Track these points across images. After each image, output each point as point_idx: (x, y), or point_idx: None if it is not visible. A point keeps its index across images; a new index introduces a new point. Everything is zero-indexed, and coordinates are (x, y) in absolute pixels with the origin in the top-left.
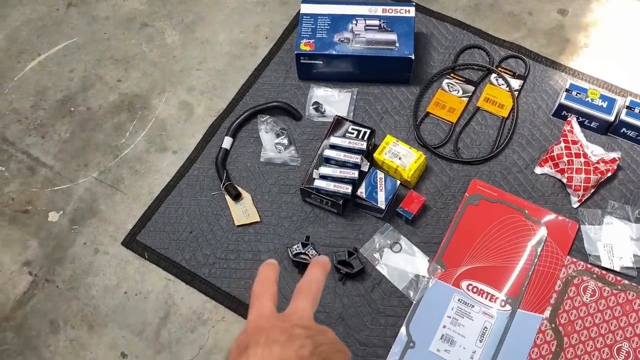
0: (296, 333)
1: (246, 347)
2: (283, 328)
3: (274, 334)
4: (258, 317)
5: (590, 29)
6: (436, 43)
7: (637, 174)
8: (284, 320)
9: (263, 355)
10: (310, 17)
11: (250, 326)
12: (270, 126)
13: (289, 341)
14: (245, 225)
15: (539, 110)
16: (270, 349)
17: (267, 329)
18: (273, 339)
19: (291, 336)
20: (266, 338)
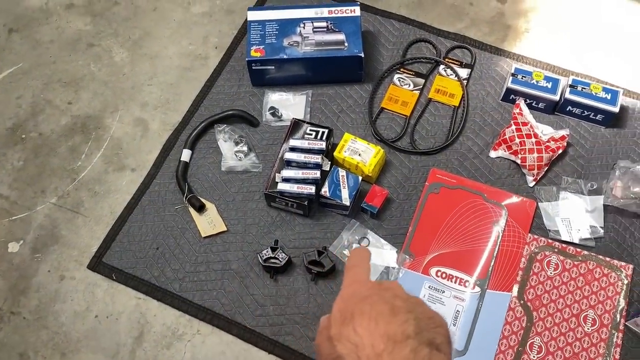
0: (397, 305)
1: (352, 316)
2: (385, 299)
3: (378, 305)
4: (354, 283)
5: (530, 14)
6: (384, 40)
7: (586, 149)
8: (383, 289)
9: (369, 328)
10: (258, 24)
11: (347, 292)
12: (228, 135)
13: (393, 315)
14: (212, 235)
15: (488, 97)
16: (377, 322)
17: (369, 297)
18: (378, 311)
19: (393, 309)
20: (370, 307)
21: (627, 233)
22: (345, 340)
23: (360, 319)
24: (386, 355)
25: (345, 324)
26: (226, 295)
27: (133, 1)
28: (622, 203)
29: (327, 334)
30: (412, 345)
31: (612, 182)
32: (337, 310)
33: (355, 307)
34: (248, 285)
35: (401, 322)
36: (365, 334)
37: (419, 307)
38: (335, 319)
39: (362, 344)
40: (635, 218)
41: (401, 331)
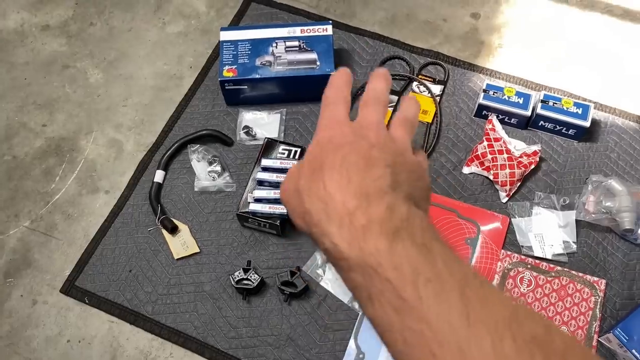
0: (374, 157)
1: (322, 168)
2: (359, 149)
3: (350, 157)
4: (331, 124)
5: (503, 30)
6: (358, 57)
7: (559, 164)
8: (359, 135)
9: (340, 182)
10: (230, 44)
11: (322, 136)
12: (202, 155)
13: (367, 168)
14: (185, 257)
15: (461, 113)
16: (349, 176)
17: (342, 147)
18: (350, 163)
19: (369, 161)
20: (342, 160)
21: (599, 248)
22: (314, 196)
23: (330, 173)
24: (359, 214)
25: (314, 177)
26: (199, 318)
27: (108, 22)
28: (595, 218)
29: (294, 184)
30: (389, 201)
31: (584, 197)
32: (308, 158)
33: (326, 158)
34: (221, 307)
35: (376, 177)
36: (335, 190)
37: (399, 158)
38: (304, 169)
39: (332, 201)
40: (608, 232)
41: (376, 187)
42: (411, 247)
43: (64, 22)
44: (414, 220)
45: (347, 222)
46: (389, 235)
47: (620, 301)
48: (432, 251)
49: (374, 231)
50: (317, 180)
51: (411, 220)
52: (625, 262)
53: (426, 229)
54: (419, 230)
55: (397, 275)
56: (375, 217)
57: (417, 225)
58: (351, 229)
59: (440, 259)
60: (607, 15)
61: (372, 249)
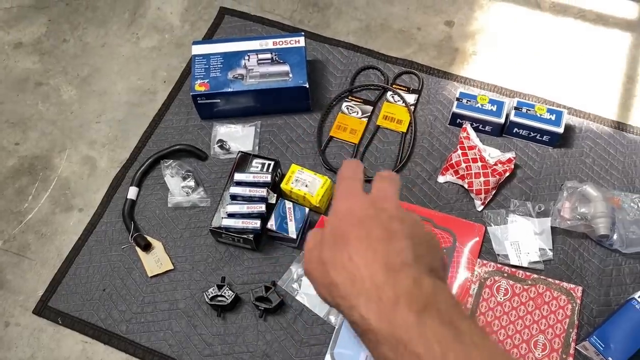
0: (394, 230)
1: (347, 240)
2: (381, 222)
3: (374, 230)
4: (349, 197)
5: (477, 37)
6: (332, 68)
7: (534, 170)
8: (379, 209)
9: (367, 255)
10: (202, 58)
11: (342, 208)
12: (176, 170)
13: (390, 241)
14: (160, 275)
15: (435, 121)
16: (375, 249)
17: (364, 221)
18: (375, 236)
19: (390, 234)
20: (367, 234)
21: (576, 254)
22: (341, 268)
23: (356, 245)
24: (387, 288)
25: (339, 248)
26: (173, 336)
27: (82, 38)
28: (570, 224)
29: (318, 256)
30: (414, 274)
31: (560, 203)
32: (330, 229)
33: (350, 230)
34: (196, 325)
35: (399, 250)
36: (362, 264)
37: (416, 229)
38: (328, 239)
39: (359, 275)
40: (584, 239)
41: (400, 260)
42: (440, 324)
43: (37, 39)
44: (440, 295)
45: (375, 296)
46: (418, 311)
47: (597, 308)
48: (460, 329)
49: (403, 305)
50: (342, 252)
51: (437, 294)
52: (602, 268)
53: (452, 306)
54: (445, 305)
55: (426, 351)
56: (402, 291)
57: (443, 301)
58: (379, 304)
59: (469, 337)
60: (580, 20)
61: (402, 322)
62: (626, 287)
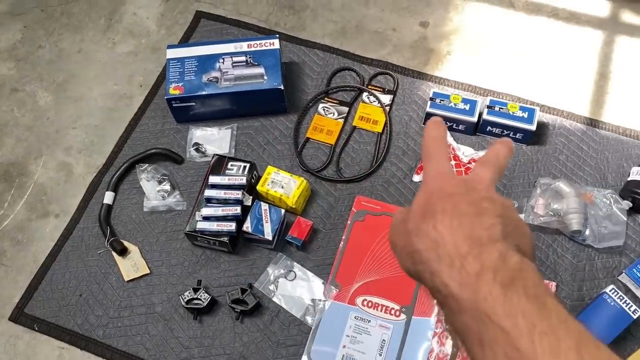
0: (484, 207)
1: (433, 213)
2: (471, 199)
3: (463, 205)
4: (439, 176)
5: (452, 37)
6: (308, 70)
7: (508, 168)
8: (470, 188)
9: (452, 226)
10: (177, 61)
11: (432, 186)
12: (151, 174)
13: (478, 216)
14: (136, 279)
15: (411, 121)
16: (461, 221)
17: (453, 196)
18: (462, 211)
19: (480, 211)
20: (454, 207)
21: (549, 250)
22: (424, 236)
23: (442, 216)
24: (471, 258)
25: (425, 220)
26: (150, 340)
27: (57, 44)
28: (544, 220)
29: (403, 227)
30: (501, 249)
31: (533, 200)
32: (418, 204)
33: (437, 204)
34: (173, 328)
35: (488, 226)
36: (446, 232)
37: (507, 212)
38: (414, 213)
39: (442, 242)
40: (557, 235)
41: (487, 234)
42: (526, 298)
43: (12, 45)
44: (526, 272)
45: (458, 265)
46: (504, 284)
47: (571, 303)
48: (546, 305)
49: (488, 278)
50: (428, 222)
51: (524, 271)
52: (575, 264)
53: (538, 283)
54: (531, 282)
55: (512, 325)
56: (488, 263)
57: (529, 277)
58: (462, 272)
59: (555, 314)
60: (553, 18)
61: (487, 294)
62: (599, 282)
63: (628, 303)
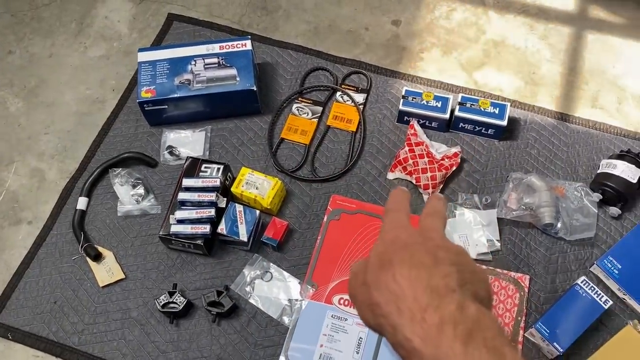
0: (440, 256)
1: (390, 262)
2: (427, 248)
3: (419, 254)
4: (396, 228)
5: (424, 35)
6: (282, 70)
7: (481, 164)
8: (426, 237)
9: (410, 277)
10: (148, 65)
11: (389, 237)
12: (125, 178)
13: (435, 265)
14: (111, 284)
15: (384, 120)
16: (419, 271)
17: (410, 246)
18: (419, 260)
19: (436, 260)
20: (411, 257)
21: (523, 244)
22: (384, 288)
23: (400, 267)
24: (431, 311)
25: (383, 271)
26: (127, 345)
27: (28, 49)
28: (517, 214)
29: (362, 278)
30: (458, 300)
31: (506, 195)
32: (376, 254)
33: (395, 254)
34: (149, 333)
35: (444, 274)
36: (406, 284)
37: (462, 258)
38: (372, 263)
39: (402, 295)
40: (530, 228)
41: (444, 284)
42: (486, 351)
43: None
44: (484, 321)
45: (419, 318)
46: (464, 338)
47: (544, 295)
48: (505, 356)
49: (448, 332)
50: (386, 273)
51: (482, 321)
52: (548, 256)
53: (497, 333)
54: (490, 332)
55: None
56: (447, 316)
57: (488, 328)
58: (424, 326)
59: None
60: (523, 15)
61: (448, 350)
62: (571, 274)
63: (599, 294)
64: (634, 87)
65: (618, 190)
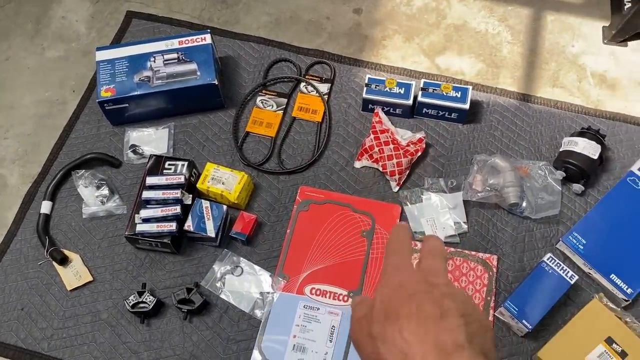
0: (446, 307)
1: (397, 315)
2: (433, 298)
3: (426, 306)
4: (399, 271)
5: (385, 22)
6: (244, 63)
7: (446, 148)
8: (430, 284)
9: (419, 334)
10: (107, 63)
11: (392, 280)
12: (89, 180)
13: (443, 318)
14: (79, 287)
15: (350, 108)
16: (426, 328)
17: (415, 295)
18: (427, 314)
19: (443, 311)
20: (418, 309)
21: (489, 225)
22: (391, 345)
23: (407, 322)
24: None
25: (389, 323)
26: (98, 348)
27: None
28: (482, 196)
29: (367, 329)
30: (468, 357)
31: (471, 177)
32: (381, 301)
33: (401, 306)
34: (120, 334)
35: (452, 329)
36: (414, 341)
37: (468, 307)
38: (378, 312)
39: (411, 353)
40: (496, 209)
41: (452, 340)
42: None
43: None
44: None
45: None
46: None
47: (513, 274)
48: None
49: None
50: (393, 327)
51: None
52: (515, 236)
53: None
54: None
55: None
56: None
57: None
58: None
59: None
60: None
61: None
62: (538, 252)
63: (565, 270)
64: (592, 65)
65: (580, 167)
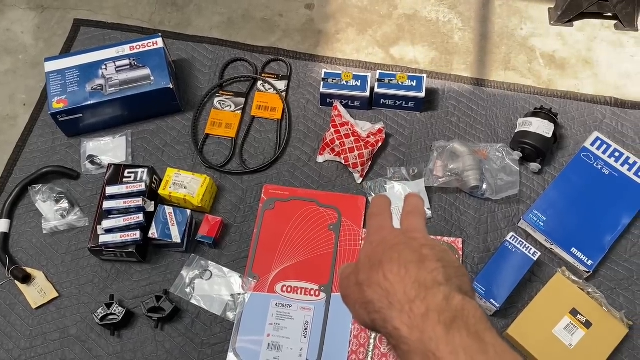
0: (425, 254)
1: (380, 262)
2: (412, 247)
3: (406, 253)
4: (381, 230)
5: (338, 16)
6: (199, 65)
7: (405, 137)
8: (410, 238)
9: (400, 274)
10: (57, 74)
11: (375, 238)
12: (47, 194)
13: (422, 262)
14: (45, 304)
15: (308, 104)
16: (407, 269)
17: (396, 245)
18: (407, 259)
19: (422, 257)
20: (399, 255)
21: (452, 209)
22: (376, 286)
23: (389, 266)
24: (419, 302)
25: (374, 270)
26: None
27: None
28: (443, 181)
29: (354, 279)
30: (444, 291)
31: (431, 164)
32: (365, 255)
33: (383, 254)
34: (90, 348)
35: (430, 270)
36: (395, 280)
37: (446, 256)
38: (363, 264)
39: (393, 290)
40: (458, 193)
41: (431, 278)
42: (467, 335)
43: None
44: (468, 310)
45: (407, 309)
46: (447, 324)
47: (478, 255)
48: (485, 340)
49: (433, 319)
50: (377, 272)
51: (466, 309)
52: (477, 218)
53: (479, 319)
54: (472, 319)
55: None
56: (433, 305)
57: (471, 315)
58: (411, 316)
59: (493, 348)
60: None
61: (432, 334)
62: (502, 232)
63: (528, 247)
64: (541, 47)
65: (535, 146)
